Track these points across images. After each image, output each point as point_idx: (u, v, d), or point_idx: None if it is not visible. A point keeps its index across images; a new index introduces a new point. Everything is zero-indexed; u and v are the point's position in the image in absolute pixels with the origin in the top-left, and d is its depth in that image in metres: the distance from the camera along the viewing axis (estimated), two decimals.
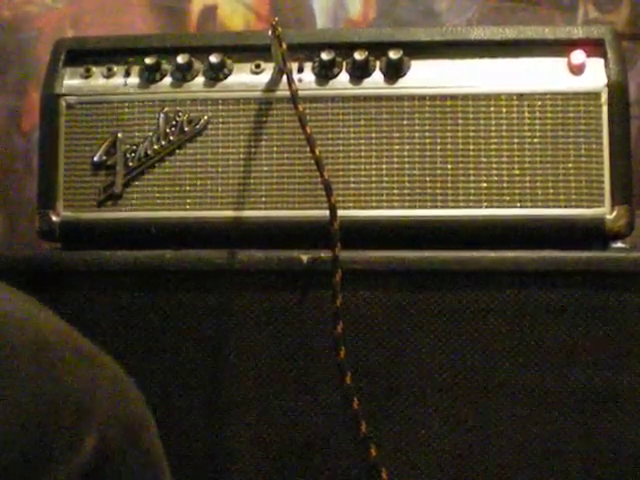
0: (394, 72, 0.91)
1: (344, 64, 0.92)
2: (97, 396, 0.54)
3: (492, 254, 0.85)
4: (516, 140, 0.89)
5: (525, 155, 0.89)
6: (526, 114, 0.89)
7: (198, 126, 0.92)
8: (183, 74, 0.93)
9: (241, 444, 0.86)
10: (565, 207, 0.88)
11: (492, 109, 0.89)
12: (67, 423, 0.52)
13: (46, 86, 0.95)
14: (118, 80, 0.94)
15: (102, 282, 0.88)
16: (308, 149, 0.85)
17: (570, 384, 0.83)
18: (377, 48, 0.92)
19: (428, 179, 0.89)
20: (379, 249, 0.86)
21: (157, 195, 0.92)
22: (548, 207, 0.88)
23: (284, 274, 0.86)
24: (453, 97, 0.90)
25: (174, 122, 0.92)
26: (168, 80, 0.94)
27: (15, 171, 1.51)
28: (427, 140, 0.90)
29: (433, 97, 0.90)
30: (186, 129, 0.92)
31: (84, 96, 0.94)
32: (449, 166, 0.89)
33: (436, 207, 0.89)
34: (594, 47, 0.90)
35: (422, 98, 0.90)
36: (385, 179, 0.89)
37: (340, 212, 0.83)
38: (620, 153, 0.88)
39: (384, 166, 0.90)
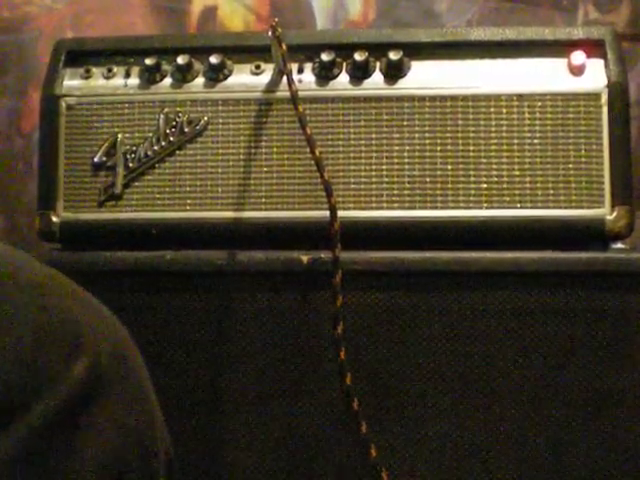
0: (394, 73, 0.91)
1: (344, 65, 0.92)
2: (87, 327, 0.56)
3: (492, 255, 0.85)
4: (516, 141, 0.89)
5: (525, 156, 0.89)
6: (526, 115, 0.89)
7: (198, 127, 0.92)
8: (183, 75, 0.93)
9: (241, 444, 0.86)
10: (565, 208, 0.88)
11: (492, 110, 0.89)
12: (58, 350, 0.53)
13: (46, 87, 0.95)
14: (118, 81, 0.94)
15: (102, 283, 0.88)
16: (308, 150, 0.85)
17: (570, 384, 0.83)
18: (377, 49, 0.92)
19: (428, 180, 0.89)
20: (379, 250, 0.86)
21: (157, 196, 0.92)
22: (548, 208, 0.88)
23: (284, 275, 0.86)
24: (453, 98, 0.90)
25: (174, 123, 0.92)
26: (168, 81, 0.94)
27: (15, 172, 1.51)
28: (427, 141, 0.90)
29: (433, 98, 0.90)
30: (186, 130, 0.92)
31: (84, 97, 0.94)
32: (449, 167, 0.89)
33: (436, 208, 0.89)
34: (594, 48, 0.90)
35: (422, 99, 0.90)
36: (385, 180, 0.90)
37: (340, 213, 0.83)
38: (620, 154, 0.88)
39: (384, 167, 0.90)
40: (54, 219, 0.93)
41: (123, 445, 0.56)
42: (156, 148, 0.92)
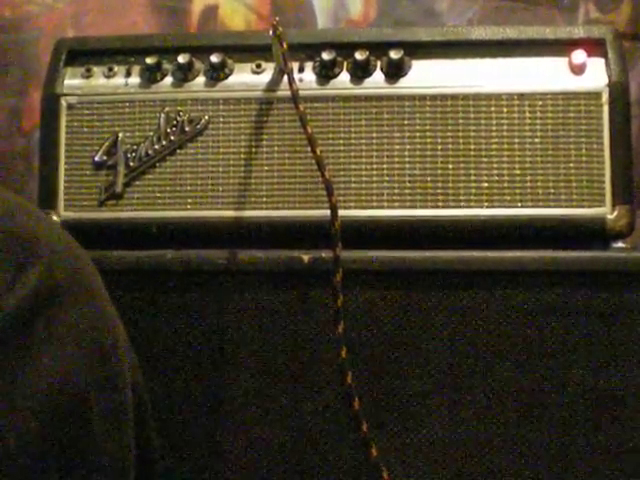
0: (395, 72, 0.91)
1: (345, 64, 0.92)
2: (42, 239, 0.55)
3: (493, 254, 0.85)
4: (517, 140, 0.89)
5: (526, 155, 0.89)
6: (527, 114, 0.89)
7: (199, 126, 0.92)
8: (184, 74, 0.93)
9: (241, 444, 0.86)
10: (566, 207, 0.88)
11: (493, 109, 0.89)
12: (7, 260, 0.52)
13: (47, 86, 0.95)
14: (119, 80, 0.94)
15: (103, 282, 0.87)
16: (309, 149, 0.85)
17: (571, 384, 0.83)
18: (378, 48, 0.92)
19: (429, 179, 0.89)
20: (380, 249, 0.86)
21: (158, 195, 0.92)
22: (549, 207, 0.88)
23: (285, 274, 0.86)
24: (454, 97, 0.90)
25: (175, 122, 0.92)
26: (169, 80, 0.94)
27: (16, 171, 1.51)
28: (428, 140, 0.90)
29: (434, 97, 0.90)
30: (187, 129, 0.92)
31: (85, 96, 0.94)
32: (450, 166, 0.89)
33: (437, 207, 0.89)
34: (595, 47, 0.90)
35: (423, 98, 0.90)
36: (386, 179, 0.89)
37: (341, 212, 0.83)
38: (621, 153, 0.88)
39: (385, 166, 0.90)
40: (55, 218, 0.93)
41: (84, 359, 0.54)
42: (157, 147, 0.92)
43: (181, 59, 0.92)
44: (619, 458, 0.83)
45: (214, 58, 0.92)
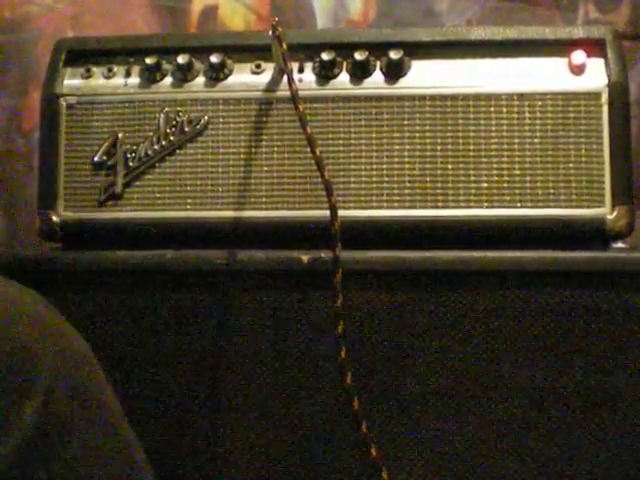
0: (395, 72, 0.91)
1: (344, 64, 0.92)
2: (41, 359, 0.51)
3: (493, 254, 0.85)
4: (516, 140, 0.89)
5: (526, 155, 0.89)
6: (527, 114, 0.89)
7: (198, 126, 0.92)
8: (184, 74, 0.93)
9: (241, 444, 0.86)
10: (566, 207, 0.88)
11: (492, 109, 0.89)
12: (5, 391, 0.48)
13: (46, 86, 0.95)
14: (118, 80, 0.94)
15: (102, 282, 0.88)
16: (309, 149, 0.85)
17: (570, 384, 0.83)
18: (378, 48, 0.92)
19: (429, 179, 0.89)
20: (380, 249, 0.86)
21: (157, 195, 0.92)
22: (549, 207, 0.88)
23: (285, 274, 0.86)
24: (454, 97, 0.90)
25: (174, 122, 0.92)
26: (168, 80, 0.94)
27: (15, 171, 1.51)
28: (427, 140, 0.89)
29: (433, 97, 0.90)
30: (186, 129, 0.92)
31: (84, 96, 0.94)
32: (449, 166, 0.89)
33: (437, 207, 0.89)
34: (595, 47, 0.90)
35: (422, 98, 0.90)
36: (386, 179, 0.89)
37: (341, 212, 0.83)
38: (621, 153, 0.88)
39: (385, 166, 0.90)
40: (54, 218, 0.93)
41: None
42: (156, 147, 0.92)
43: (181, 59, 0.92)
44: (618, 457, 0.83)
45: (214, 58, 0.92)
